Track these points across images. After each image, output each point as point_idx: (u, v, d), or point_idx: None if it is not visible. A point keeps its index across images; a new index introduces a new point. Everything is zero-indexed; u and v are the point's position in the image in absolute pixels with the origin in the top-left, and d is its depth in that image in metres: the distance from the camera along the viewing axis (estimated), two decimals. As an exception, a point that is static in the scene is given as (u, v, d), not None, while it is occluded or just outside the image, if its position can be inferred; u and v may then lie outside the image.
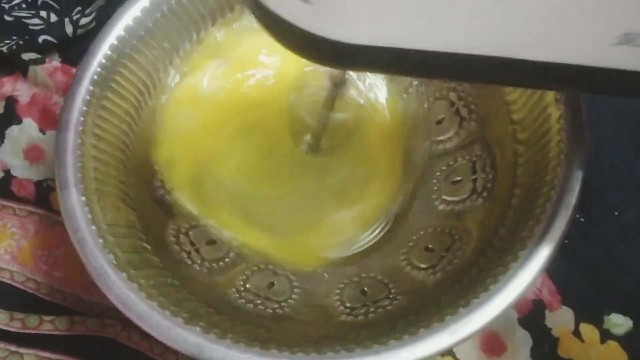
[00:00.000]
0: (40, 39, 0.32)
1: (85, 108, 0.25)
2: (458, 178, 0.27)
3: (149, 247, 0.24)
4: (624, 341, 0.26)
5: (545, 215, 0.21)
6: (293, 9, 0.14)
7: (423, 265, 0.26)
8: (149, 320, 0.20)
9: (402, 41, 0.14)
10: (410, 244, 0.27)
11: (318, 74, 0.25)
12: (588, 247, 0.28)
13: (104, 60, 0.26)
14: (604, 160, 0.28)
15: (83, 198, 0.22)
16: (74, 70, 0.32)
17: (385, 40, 0.14)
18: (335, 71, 0.23)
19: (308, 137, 0.27)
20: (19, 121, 0.32)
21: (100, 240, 0.22)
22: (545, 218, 0.21)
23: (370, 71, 0.19)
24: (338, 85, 0.23)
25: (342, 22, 0.14)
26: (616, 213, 0.28)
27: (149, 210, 0.26)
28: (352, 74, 0.27)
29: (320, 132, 0.26)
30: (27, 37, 0.32)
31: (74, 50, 0.33)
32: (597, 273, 0.27)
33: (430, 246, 0.26)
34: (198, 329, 0.20)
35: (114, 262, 0.21)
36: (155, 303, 0.20)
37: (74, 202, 0.22)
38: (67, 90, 0.25)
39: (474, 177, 0.27)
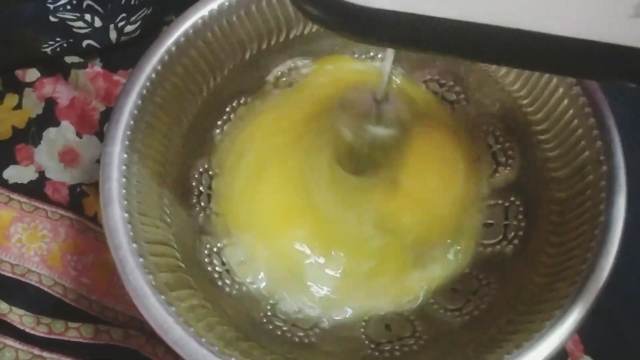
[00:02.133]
0: (84, 43, 0.33)
1: (132, 122, 0.25)
2: (490, 221, 0.28)
3: (183, 265, 0.25)
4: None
5: (580, 277, 0.21)
6: None
7: (449, 307, 0.26)
8: (185, 346, 0.20)
9: (425, 6, 0.14)
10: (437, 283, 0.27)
11: (362, 91, 0.25)
12: (611, 299, 0.28)
13: (153, 75, 0.26)
14: (634, 213, 0.29)
15: (126, 215, 0.23)
16: (115, 76, 0.32)
17: (407, 5, 0.14)
18: (378, 88, 0.23)
19: (351, 157, 0.27)
20: (57, 123, 0.32)
21: (141, 260, 0.22)
22: (580, 280, 0.21)
23: (390, 45, 0.19)
24: (381, 102, 0.23)
25: None
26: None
27: (184, 227, 0.26)
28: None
29: (364, 151, 0.26)
30: (71, 40, 0.32)
31: (116, 56, 0.34)
32: (618, 324, 0.28)
33: (457, 287, 0.27)
34: (233, 359, 0.20)
35: (153, 283, 0.22)
36: (192, 329, 0.21)
37: (117, 218, 0.23)
38: (115, 103, 0.25)
39: (505, 222, 0.27)
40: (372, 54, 0.31)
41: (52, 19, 0.33)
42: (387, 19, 0.14)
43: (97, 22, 0.33)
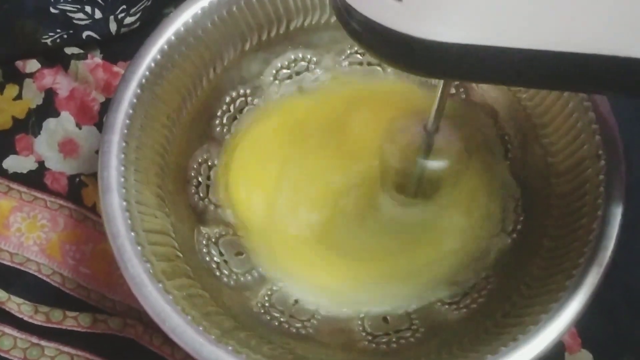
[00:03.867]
0: (84, 34, 0.33)
1: (131, 111, 0.25)
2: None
3: (181, 255, 0.25)
4: (640, 389, 0.27)
5: (577, 270, 0.21)
6: (383, 8, 0.14)
7: (447, 300, 0.26)
8: (182, 334, 0.20)
9: (500, 38, 0.13)
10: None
11: (412, 122, 0.24)
12: (609, 291, 0.28)
13: (152, 64, 0.26)
14: (633, 207, 0.29)
15: (124, 203, 0.23)
16: (115, 68, 0.32)
17: (481, 38, 0.13)
18: (428, 118, 0.22)
19: (400, 187, 0.26)
20: (56, 114, 0.32)
21: (139, 248, 0.22)
22: (578, 273, 0.21)
23: (465, 79, 0.18)
24: (432, 133, 0.22)
25: (435, 18, 0.13)
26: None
27: (183, 217, 0.26)
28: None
29: (413, 182, 0.25)
30: (71, 32, 0.32)
31: (115, 47, 0.34)
32: (616, 318, 0.28)
33: (454, 281, 0.27)
34: (230, 347, 0.20)
35: (151, 271, 0.22)
36: (189, 317, 0.21)
37: (115, 206, 0.23)
38: (115, 92, 0.25)
39: (504, 215, 0.27)
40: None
41: (52, 10, 0.33)
42: (461, 54, 0.14)
43: (97, 14, 0.33)
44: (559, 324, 0.20)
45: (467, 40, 0.13)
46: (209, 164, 0.29)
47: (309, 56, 0.30)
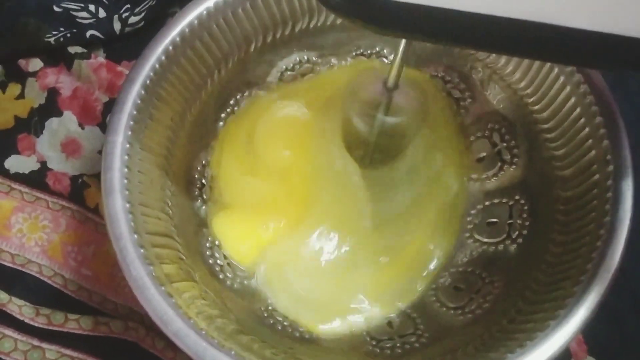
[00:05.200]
0: (88, 33, 0.32)
1: (135, 112, 0.25)
2: (493, 220, 0.28)
3: (185, 258, 0.24)
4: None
5: (585, 276, 0.21)
6: None
7: (452, 305, 0.26)
8: (185, 338, 0.20)
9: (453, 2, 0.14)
10: (440, 280, 0.27)
11: (372, 78, 0.25)
12: (616, 298, 0.28)
13: (157, 65, 0.26)
14: (638, 211, 0.29)
15: (127, 205, 0.22)
16: (118, 67, 0.32)
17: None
18: (388, 76, 0.23)
19: (361, 147, 0.26)
20: (59, 113, 0.32)
21: (142, 250, 0.22)
22: (586, 279, 0.21)
23: (406, 36, 0.19)
24: (391, 90, 0.23)
25: None
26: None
27: (186, 220, 0.26)
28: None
29: (374, 141, 0.26)
30: (74, 31, 0.32)
31: (119, 47, 0.33)
32: (622, 325, 0.28)
33: (460, 286, 0.27)
34: (233, 352, 0.20)
35: (153, 273, 0.21)
36: (191, 321, 0.20)
37: (118, 208, 0.22)
38: (119, 92, 0.25)
39: (509, 221, 0.27)
40: (377, 49, 0.31)
41: (56, 8, 0.32)
42: (404, 11, 0.14)
43: (101, 13, 0.33)
44: (566, 330, 0.20)
45: (420, 2, 0.14)
46: (219, 166, 0.29)
47: (314, 58, 0.30)
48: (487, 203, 0.28)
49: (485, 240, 0.27)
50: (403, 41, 0.21)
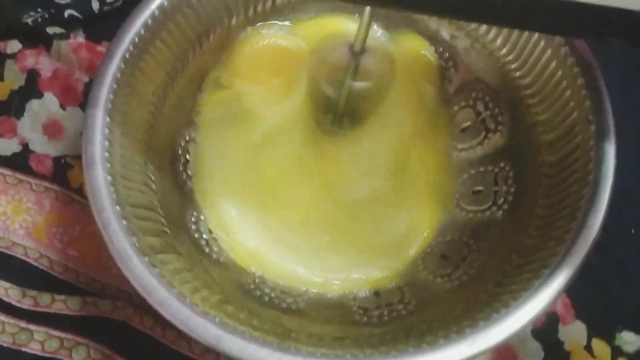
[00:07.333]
0: (66, 13, 0.32)
1: (115, 86, 0.24)
2: (479, 188, 0.28)
3: (169, 231, 0.24)
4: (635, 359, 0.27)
5: (569, 235, 0.21)
6: None
7: (439, 273, 0.26)
8: (169, 307, 0.20)
9: None
10: (427, 249, 0.27)
11: (338, 43, 0.25)
12: (602, 263, 0.28)
13: (136, 39, 0.25)
14: (624, 176, 0.29)
15: (109, 177, 0.22)
16: (98, 47, 0.32)
17: None
18: (355, 40, 0.23)
19: (330, 111, 0.26)
20: (39, 95, 0.31)
21: (124, 222, 0.21)
22: (569, 238, 0.21)
23: (377, 5, 0.20)
24: (358, 54, 0.23)
25: None
26: (633, 231, 0.28)
27: (170, 194, 0.26)
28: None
29: (343, 104, 0.26)
30: (52, 11, 0.32)
31: (99, 26, 0.33)
32: (609, 289, 0.28)
33: (446, 254, 0.27)
34: (217, 319, 0.20)
35: (136, 244, 0.21)
36: (175, 290, 0.20)
37: (100, 180, 0.22)
38: (98, 66, 0.25)
39: (495, 188, 0.27)
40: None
41: (33, -12, 0.32)
42: None
43: (80, -8, 0.32)
44: (551, 289, 0.20)
45: None
46: (196, 142, 0.28)
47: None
48: (472, 172, 0.28)
49: (472, 208, 0.27)
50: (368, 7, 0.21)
